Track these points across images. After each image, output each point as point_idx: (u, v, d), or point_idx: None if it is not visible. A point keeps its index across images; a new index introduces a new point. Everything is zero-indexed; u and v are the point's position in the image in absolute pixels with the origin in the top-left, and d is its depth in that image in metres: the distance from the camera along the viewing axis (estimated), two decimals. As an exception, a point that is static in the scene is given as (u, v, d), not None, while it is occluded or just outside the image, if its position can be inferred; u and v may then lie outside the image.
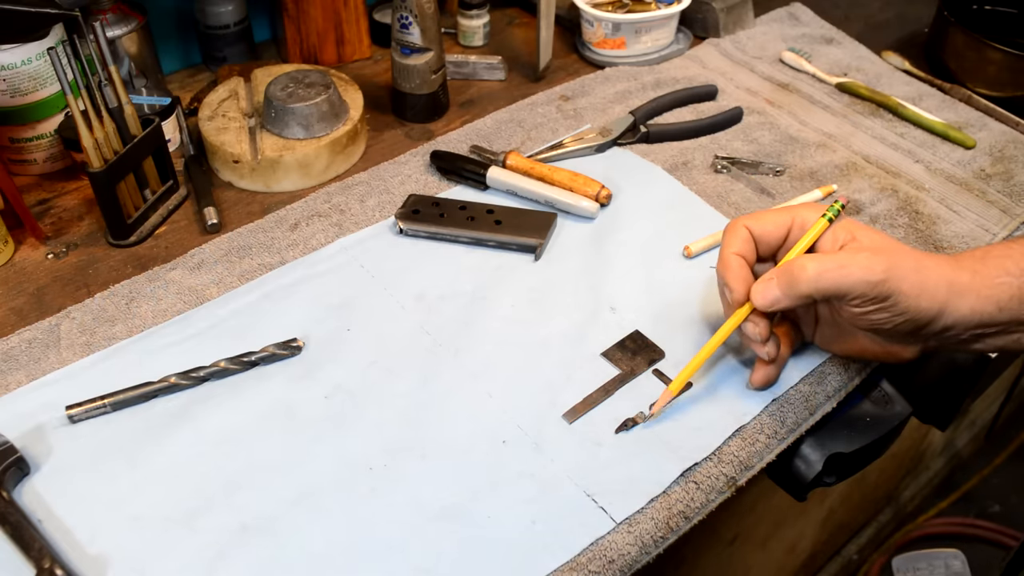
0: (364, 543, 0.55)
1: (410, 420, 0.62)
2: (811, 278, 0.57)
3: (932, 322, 0.58)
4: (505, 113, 0.92)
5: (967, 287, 0.58)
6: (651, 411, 0.62)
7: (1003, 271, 0.58)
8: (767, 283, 0.59)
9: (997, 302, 0.58)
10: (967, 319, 0.58)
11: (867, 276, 0.56)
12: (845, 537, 1.57)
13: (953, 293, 0.58)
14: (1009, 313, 0.58)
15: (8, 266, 0.75)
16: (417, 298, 0.71)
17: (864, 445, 0.69)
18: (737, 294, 0.61)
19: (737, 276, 0.61)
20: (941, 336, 0.60)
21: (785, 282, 0.58)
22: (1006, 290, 0.58)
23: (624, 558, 0.55)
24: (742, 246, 0.62)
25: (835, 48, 1.05)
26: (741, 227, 0.62)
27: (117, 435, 0.60)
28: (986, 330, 0.59)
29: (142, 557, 0.54)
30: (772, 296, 0.59)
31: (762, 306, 0.59)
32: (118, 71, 0.72)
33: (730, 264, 0.61)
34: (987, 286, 0.58)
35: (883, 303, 0.57)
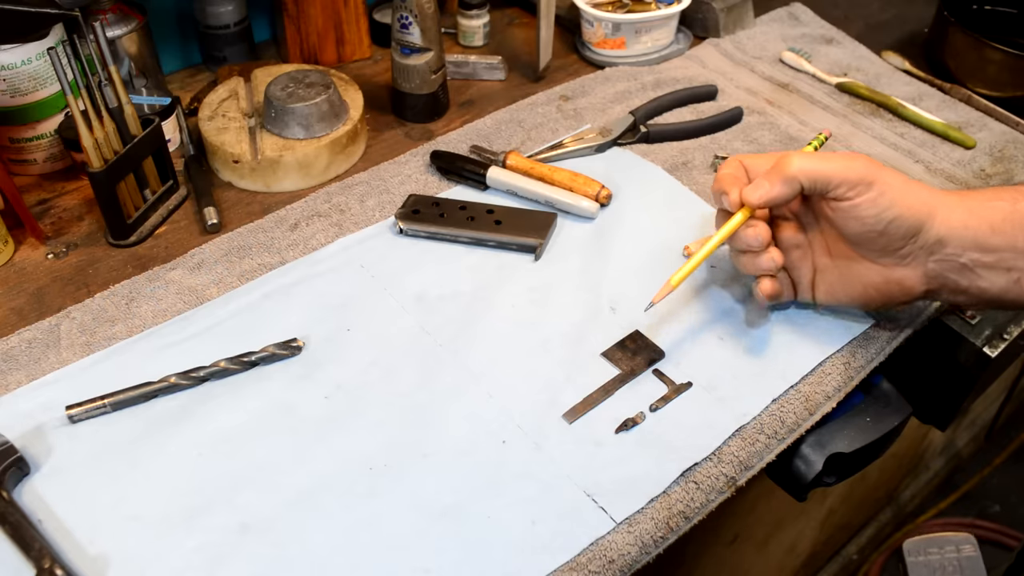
0: (364, 543, 0.55)
1: (410, 420, 0.62)
2: (799, 163, 0.60)
3: (923, 227, 0.59)
4: (505, 113, 0.92)
5: (956, 202, 0.59)
6: (653, 301, 0.64)
7: (996, 196, 0.59)
8: (757, 181, 0.62)
9: (990, 222, 0.58)
10: (960, 234, 0.58)
11: (850, 162, 0.59)
12: (845, 537, 1.57)
13: (941, 204, 0.59)
14: (1003, 237, 0.58)
15: (8, 266, 0.75)
16: (417, 298, 0.71)
17: (864, 445, 0.69)
18: (733, 195, 0.63)
19: (730, 181, 0.64)
20: (938, 254, 0.60)
21: (775, 173, 0.61)
22: (998, 212, 0.58)
23: (624, 558, 0.55)
24: (734, 170, 0.65)
25: (835, 48, 1.05)
26: (735, 160, 0.66)
27: (117, 435, 0.60)
28: (983, 256, 0.59)
29: (142, 557, 0.54)
30: (763, 189, 0.61)
31: (756, 201, 0.62)
32: (118, 71, 0.72)
33: (724, 176, 0.64)
34: (979, 205, 0.59)
35: (869, 192, 0.59)
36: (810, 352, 0.67)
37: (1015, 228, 0.58)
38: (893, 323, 0.70)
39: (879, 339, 0.68)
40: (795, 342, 0.68)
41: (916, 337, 0.71)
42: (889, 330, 0.69)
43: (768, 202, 0.61)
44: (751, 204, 0.62)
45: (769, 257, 0.63)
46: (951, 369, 0.77)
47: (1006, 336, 0.75)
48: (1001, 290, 0.60)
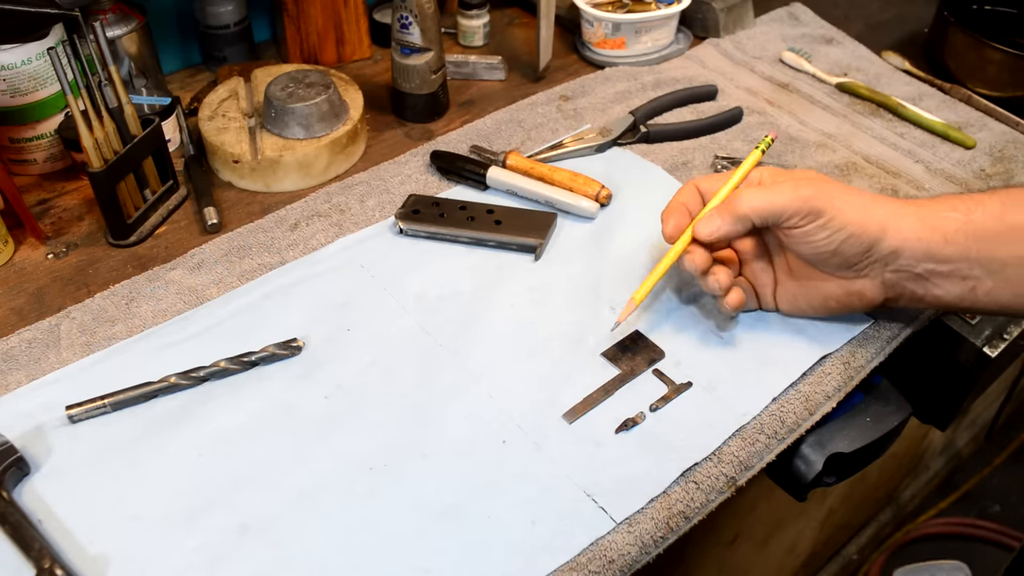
0: (364, 543, 0.55)
1: (410, 420, 0.62)
2: (748, 200, 0.61)
3: (876, 243, 0.60)
4: (505, 113, 0.93)
5: (910, 214, 0.60)
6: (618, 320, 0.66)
7: (949, 207, 0.60)
8: (709, 215, 0.64)
9: (943, 233, 0.59)
10: (913, 245, 0.59)
11: (796, 192, 0.60)
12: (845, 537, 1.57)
13: (894, 215, 0.60)
14: (956, 248, 0.59)
15: (8, 266, 0.75)
16: (417, 298, 0.71)
17: (864, 445, 0.69)
18: (667, 228, 0.66)
19: (671, 213, 0.66)
20: (893, 265, 0.61)
21: (726, 210, 0.62)
22: (951, 223, 0.59)
23: (624, 558, 0.55)
24: (688, 197, 0.67)
25: (835, 48, 1.05)
26: (690, 185, 0.68)
27: (117, 435, 0.60)
28: (938, 266, 0.60)
29: (142, 557, 0.54)
30: (713, 225, 0.63)
31: (704, 236, 0.63)
32: (118, 71, 0.72)
33: (671, 207, 0.66)
34: (932, 216, 0.60)
35: (819, 218, 0.60)
36: (810, 352, 0.67)
37: (968, 239, 0.58)
38: (893, 323, 0.70)
39: (879, 339, 0.69)
40: (795, 342, 0.68)
41: (916, 337, 0.71)
42: (889, 330, 0.69)
43: (718, 239, 0.63)
44: (700, 239, 0.64)
45: (714, 279, 0.64)
46: (951, 369, 0.77)
47: (1006, 336, 0.75)
48: (957, 297, 0.61)
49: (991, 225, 0.58)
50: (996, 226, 0.58)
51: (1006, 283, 0.59)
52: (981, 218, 0.59)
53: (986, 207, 0.59)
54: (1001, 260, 0.59)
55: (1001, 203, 0.59)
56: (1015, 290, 0.59)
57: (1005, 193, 0.60)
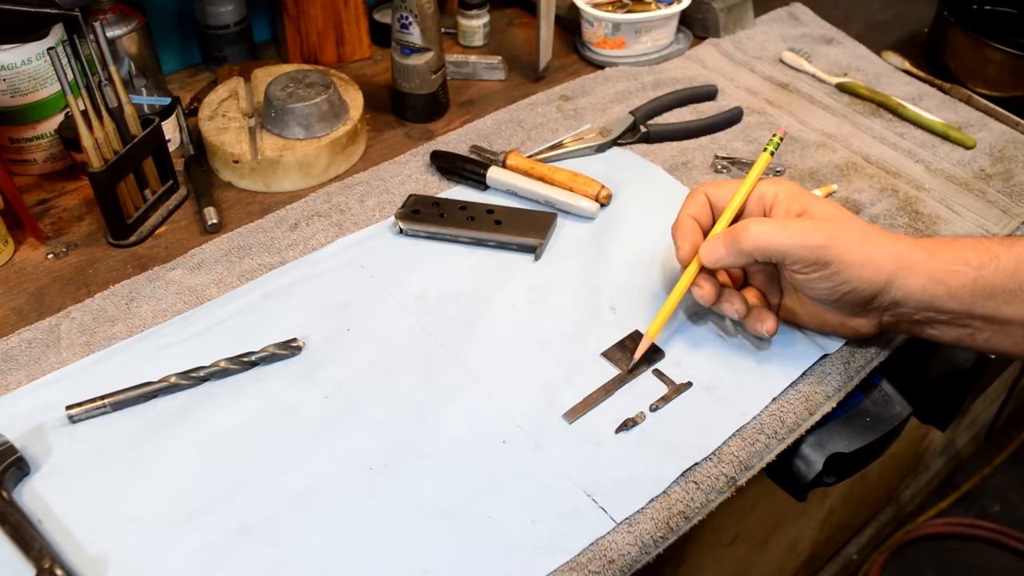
0: (364, 543, 0.55)
1: (410, 420, 0.62)
2: (753, 237, 0.60)
3: (879, 295, 0.59)
4: (505, 113, 0.92)
5: (920, 265, 0.58)
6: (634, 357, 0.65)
7: (961, 260, 0.58)
8: (714, 241, 0.63)
9: (948, 288, 0.58)
10: (916, 297, 0.58)
11: (806, 240, 0.58)
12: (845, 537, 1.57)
13: (903, 268, 0.58)
14: (959, 303, 0.58)
15: (8, 266, 0.75)
16: (417, 298, 0.71)
17: (864, 445, 0.69)
18: (682, 251, 0.65)
19: (685, 235, 0.64)
20: (893, 311, 0.61)
21: (730, 241, 0.61)
22: (959, 278, 0.58)
23: (624, 558, 0.55)
24: (697, 210, 0.65)
25: (835, 48, 1.05)
26: (700, 193, 0.66)
27: (117, 435, 0.60)
28: (937, 315, 0.59)
29: (142, 557, 0.54)
30: (717, 254, 0.62)
31: (707, 263, 0.63)
32: (118, 71, 0.72)
33: (682, 223, 0.65)
34: (941, 270, 0.58)
35: (824, 270, 0.59)
36: (810, 352, 0.67)
37: (974, 296, 0.57)
38: (893, 323, 0.70)
39: (879, 339, 0.68)
40: (795, 342, 0.68)
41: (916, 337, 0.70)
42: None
43: (720, 267, 0.63)
44: (703, 263, 0.63)
45: (730, 307, 0.64)
46: (951, 369, 0.77)
47: (1006, 336, 0.75)
48: (953, 339, 0.61)
49: (1001, 283, 0.57)
50: (1007, 284, 0.57)
51: (1006, 336, 0.59)
52: (992, 275, 0.57)
53: (1000, 263, 0.57)
54: (1005, 317, 0.58)
55: (1017, 260, 0.57)
56: (1015, 341, 0.59)
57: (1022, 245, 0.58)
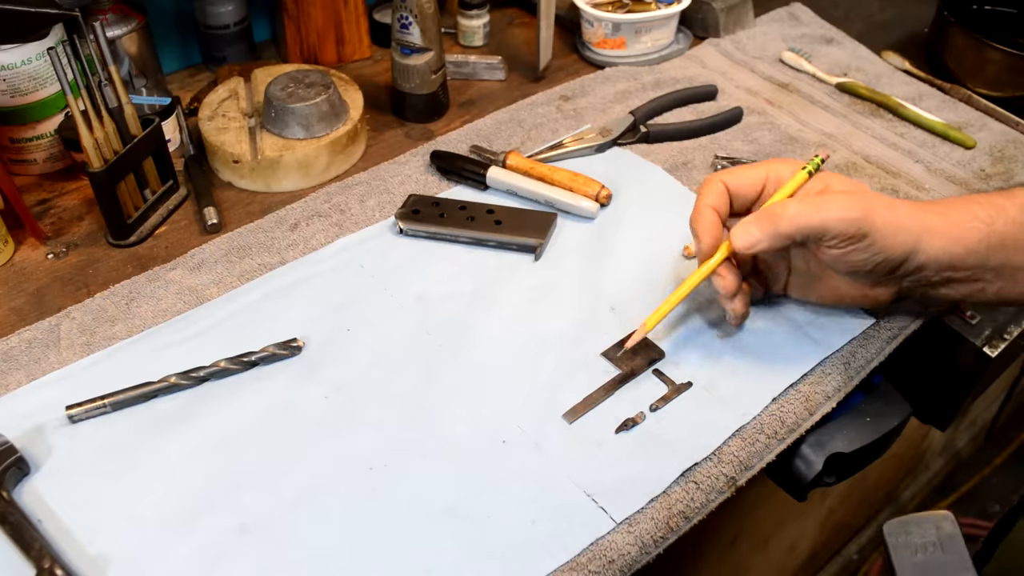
0: (364, 543, 0.55)
1: (410, 420, 0.62)
2: (792, 217, 0.59)
3: (907, 261, 0.60)
4: (505, 113, 0.92)
5: (938, 227, 0.60)
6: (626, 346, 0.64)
7: (972, 216, 0.60)
8: (746, 226, 0.60)
9: (965, 246, 0.59)
10: (939, 259, 0.60)
11: (844, 214, 0.58)
12: (845, 537, 1.57)
13: (925, 231, 0.59)
14: (976, 257, 0.60)
15: (8, 266, 0.75)
16: (417, 298, 0.71)
17: (864, 445, 0.69)
18: (704, 244, 0.62)
19: (707, 227, 0.62)
20: (915, 276, 0.62)
21: (767, 223, 0.60)
22: (975, 234, 0.59)
23: (624, 558, 0.55)
24: (716, 199, 0.63)
25: (835, 48, 1.05)
26: (717, 181, 0.64)
27: (117, 435, 0.60)
28: (955, 273, 0.61)
29: (142, 557, 0.54)
30: (753, 238, 0.60)
31: (742, 248, 0.60)
32: (118, 71, 0.72)
33: (703, 215, 0.63)
34: (958, 229, 0.60)
35: (860, 242, 0.59)
36: (810, 352, 0.67)
37: (989, 249, 0.60)
38: (893, 323, 0.70)
39: (879, 339, 0.68)
40: (795, 342, 0.68)
41: (916, 337, 0.71)
42: (889, 330, 0.69)
43: (756, 251, 0.61)
44: (737, 250, 0.61)
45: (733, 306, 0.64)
46: (951, 369, 0.77)
47: (1006, 336, 0.75)
48: (965, 295, 0.63)
49: (1012, 232, 0.59)
50: (1016, 233, 0.59)
51: (1015, 284, 0.61)
52: (1003, 226, 0.59)
53: (1007, 214, 0.60)
54: (1015, 265, 0.60)
55: (1021, 209, 0.60)
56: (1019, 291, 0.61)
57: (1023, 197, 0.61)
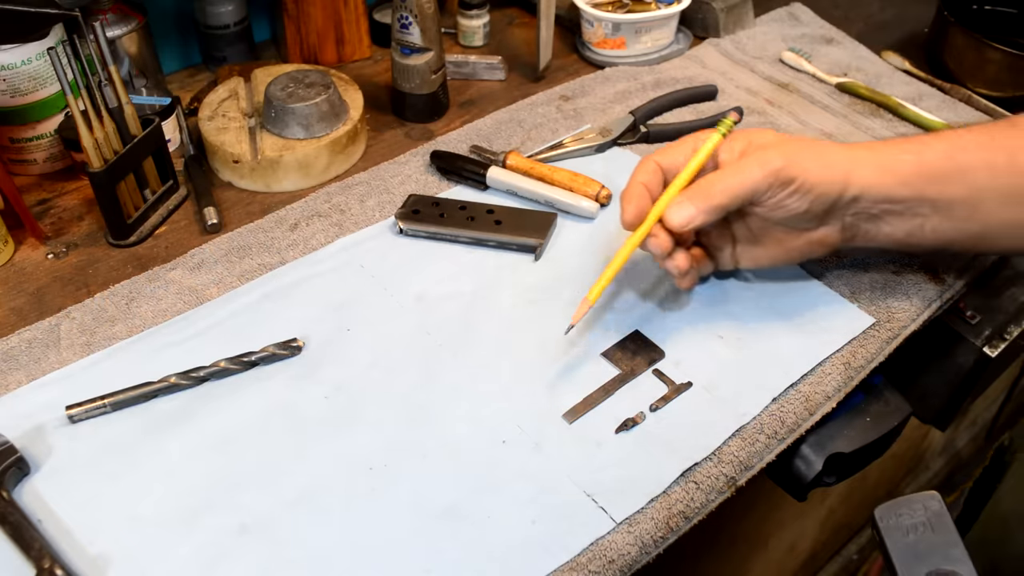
0: (364, 543, 0.55)
1: (410, 420, 0.62)
2: (723, 187, 0.60)
3: (842, 193, 0.61)
4: (505, 113, 0.92)
5: (867, 160, 0.62)
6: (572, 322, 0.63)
7: (901, 150, 0.62)
8: (680, 203, 0.61)
9: (897, 176, 0.62)
10: (873, 189, 0.62)
11: (767, 168, 0.60)
12: (845, 537, 1.57)
13: (854, 163, 0.62)
14: (911, 189, 0.62)
15: (8, 266, 0.75)
16: (417, 298, 0.71)
17: (864, 445, 0.69)
18: (628, 214, 0.63)
19: (632, 198, 0.63)
20: (853, 210, 0.63)
21: (701, 197, 0.61)
22: (905, 165, 0.62)
23: (624, 558, 0.55)
24: (648, 176, 0.64)
25: (835, 48, 1.05)
26: (649, 160, 0.65)
27: (117, 435, 0.60)
28: (892, 206, 0.62)
29: (142, 557, 0.54)
30: (688, 213, 0.61)
31: (679, 224, 0.61)
32: (118, 71, 0.72)
33: (632, 189, 0.64)
34: (887, 159, 0.62)
35: (789, 187, 0.60)
36: (810, 352, 0.67)
37: (922, 180, 0.62)
38: (893, 323, 0.70)
39: (879, 339, 0.68)
40: (795, 342, 0.68)
41: (916, 337, 0.71)
42: (889, 330, 0.69)
43: (692, 228, 0.61)
44: (675, 228, 0.62)
45: (673, 264, 0.64)
46: (951, 369, 0.77)
47: (1006, 336, 0.75)
48: (906, 233, 0.64)
49: (941, 165, 0.62)
50: (946, 165, 0.62)
51: (951, 219, 0.63)
52: (932, 158, 0.62)
53: (934, 148, 0.62)
54: (949, 198, 0.62)
55: (948, 143, 0.63)
56: (957, 225, 0.63)
57: (950, 133, 0.64)
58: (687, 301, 0.71)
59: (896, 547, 0.61)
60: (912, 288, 0.72)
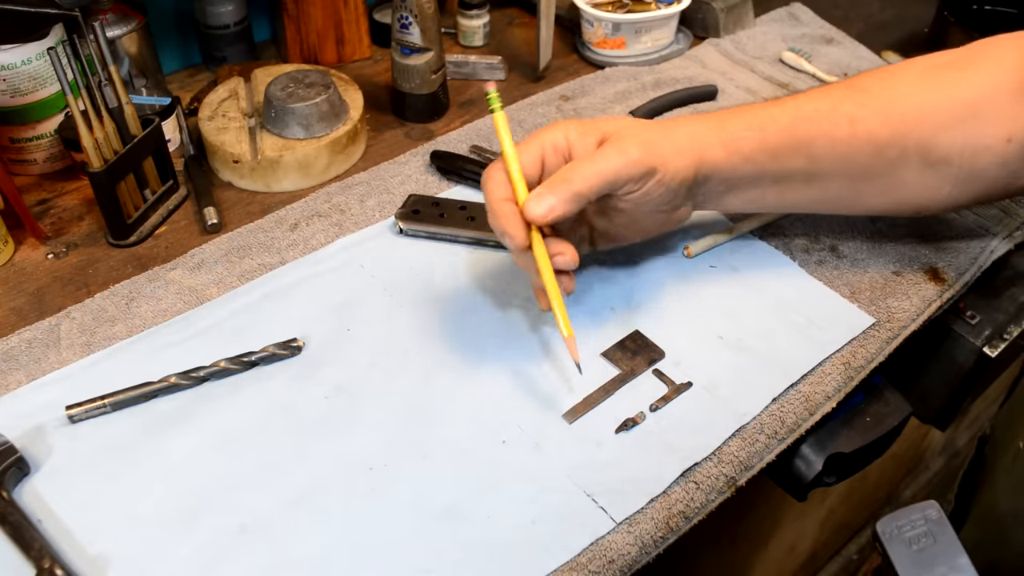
0: (364, 543, 0.55)
1: (410, 420, 0.62)
2: (584, 176, 0.58)
3: (695, 176, 0.62)
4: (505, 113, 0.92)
5: (714, 139, 0.63)
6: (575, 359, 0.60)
7: (746, 126, 0.63)
8: (540, 194, 0.58)
9: (743, 154, 0.63)
10: (721, 168, 0.63)
11: (627, 158, 0.59)
12: (845, 537, 1.57)
13: (703, 144, 0.62)
14: (754, 165, 0.64)
15: (8, 266, 0.75)
16: (417, 298, 0.71)
17: (864, 445, 0.69)
18: (519, 237, 0.59)
19: (511, 221, 0.59)
20: (703, 188, 0.65)
21: (561, 187, 0.58)
22: (749, 143, 0.63)
23: (624, 558, 0.55)
24: (505, 191, 0.60)
25: (835, 48, 1.05)
26: (497, 172, 0.61)
27: (117, 435, 0.60)
28: (739, 181, 0.65)
29: (142, 557, 0.54)
30: (548, 204, 0.58)
31: (539, 217, 0.58)
32: (118, 71, 0.72)
33: (501, 210, 0.59)
34: (732, 139, 0.63)
35: (652, 178, 0.60)
36: (810, 352, 0.67)
37: (765, 155, 0.63)
38: (893, 323, 0.70)
39: (879, 339, 0.69)
40: (795, 342, 0.68)
41: (916, 337, 0.71)
42: (889, 330, 0.69)
43: (555, 218, 0.58)
44: (535, 220, 0.58)
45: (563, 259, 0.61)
46: (951, 369, 0.77)
47: (1006, 336, 0.75)
48: (747, 203, 0.67)
49: (782, 139, 0.63)
50: (787, 140, 0.63)
51: (791, 189, 0.66)
52: (774, 135, 0.63)
53: (777, 122, 0.63)
54: (789, 170, 0.64)
55: (792, 115, 0.64)
56: (797, 194, 0.66)
57: (794, 104, 0.65)
58: (687, 301, 0.71)
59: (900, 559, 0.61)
60: (912, 288, 0.72)
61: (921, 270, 0.73)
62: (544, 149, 0.62)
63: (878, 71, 0.67)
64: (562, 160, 0.62)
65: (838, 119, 0.63)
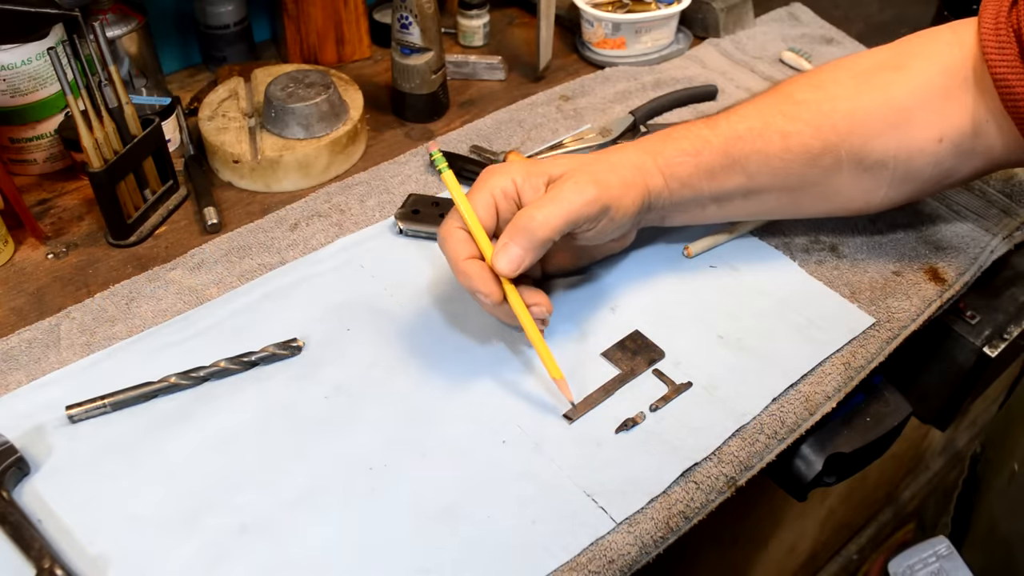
0: (364, 543, 0.55)
1: (410, 420, 0.62)
2: (543, 221, 0.58)
3: (642, 208, 0.64)
4: (505, 113, 0.93)
5: (652, 168, 0.65)
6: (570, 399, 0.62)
7: (681, 152, 0.65)
8: (505, 248, 0.58)
9: (680, 180, 0.65)
10: (662, 197, 0.65)
11: (583, 199, 0.59)
12: (845, 537, 1.57)
13: (644, 175, 0.64)
14: (692, 189, 0.66)
15: (8, 266, 0.75)
16: (417, 298, 0.71)
17: (864, 445, 0.69)
18: (496, 293, 0.59)
19: (484, 278, 0.59)
20: (649, 215, 0.67)
21: (523, 237, 0.58)
22: (686, 168, 0.65)
23: (624, 558, 0.55)
24: (468, 248, 0.60)
25: (835, 48, 1.05)
26: (454, 231, 0.60)
27: (117, 435, 0.60)
28: (677, 204, 0.67)
29: (142, 557, 0.54)
30: (516, 256, 0.58)
31: (510, 270, 0.58)
32: (118, 71, 0.72)
33: (470, 271, 0.59)
34: (669, 166, 0.65)
35: (606, 215, 0.61)
36: (810, 352, 0.67)
37: (701, 179, 0.65)
38: (893, 323, 0.70)
39: (879, 339, 0.69)
40: (795, 342, 0.68)
41: (916, 337, 0.71)
42: (889, 330, 0.69)
43: (524, 270, 0.59)
44: (506, 274, 0.59)
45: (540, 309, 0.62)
46: (951, 369, 0.77)
47: (1006, 336, 0.75)
48: (687, 219, 0.70)
49: (717, 162, 0.65)
50: (721, 162, 0.65)
51: (729, 205, 0.68)
52: (709, 158, 0.65)
53: (712, 145, 0.65)
54: (727, 190, 0.67)
55: (724, 138, 0.65)
56: (734, 208, 0.69)
57: (727, 124, 0.66)
58: (687, 301, 0.71)
59: None
60: (912, 288, 0.72)
61: (921, 270, 0.74)
62: (495, 197, 0.61)
63: (811, 77, 0.68)
64: (513, 205, 0.62)
65: (771, 135, 0.65)
